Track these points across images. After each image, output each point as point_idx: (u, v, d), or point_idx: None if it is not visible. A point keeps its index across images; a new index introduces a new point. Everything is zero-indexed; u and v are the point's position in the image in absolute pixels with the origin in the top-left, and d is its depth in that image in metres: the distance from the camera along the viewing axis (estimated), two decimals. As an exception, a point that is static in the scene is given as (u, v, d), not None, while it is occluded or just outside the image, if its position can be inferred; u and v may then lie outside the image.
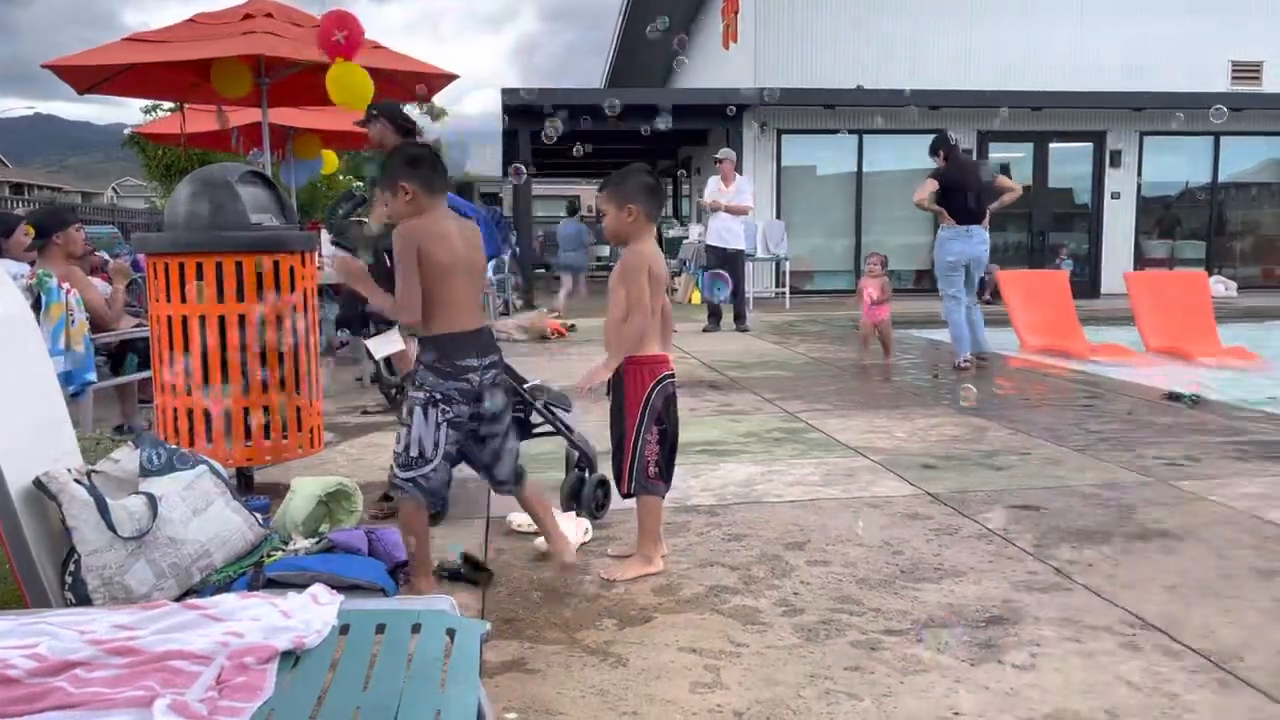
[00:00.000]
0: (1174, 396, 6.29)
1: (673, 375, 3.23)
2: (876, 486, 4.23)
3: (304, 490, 3.30)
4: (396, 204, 2.93)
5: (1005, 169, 14.36)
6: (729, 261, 10.66)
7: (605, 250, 22.14)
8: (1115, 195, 16.56)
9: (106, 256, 6.95)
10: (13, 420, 2.35)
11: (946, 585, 3.05)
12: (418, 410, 2.89)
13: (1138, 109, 15.89)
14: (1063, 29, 16.34)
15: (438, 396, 2.88)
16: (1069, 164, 16.58)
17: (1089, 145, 16.45)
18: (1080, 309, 10.36)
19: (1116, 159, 16.45)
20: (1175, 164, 16.98)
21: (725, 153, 10.85)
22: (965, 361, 7.74)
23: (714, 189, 10.59)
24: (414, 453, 2.88)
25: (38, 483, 2.34)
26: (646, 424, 3.14)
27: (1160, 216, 17.31)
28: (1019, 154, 16.55)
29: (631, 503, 3.24)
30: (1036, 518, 3.75)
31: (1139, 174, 16.68)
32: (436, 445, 2.88)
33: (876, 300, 8.06)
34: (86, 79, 7.35)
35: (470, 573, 3.09)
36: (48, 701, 1.51)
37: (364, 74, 6.61)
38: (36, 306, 4.30)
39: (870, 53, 16.10)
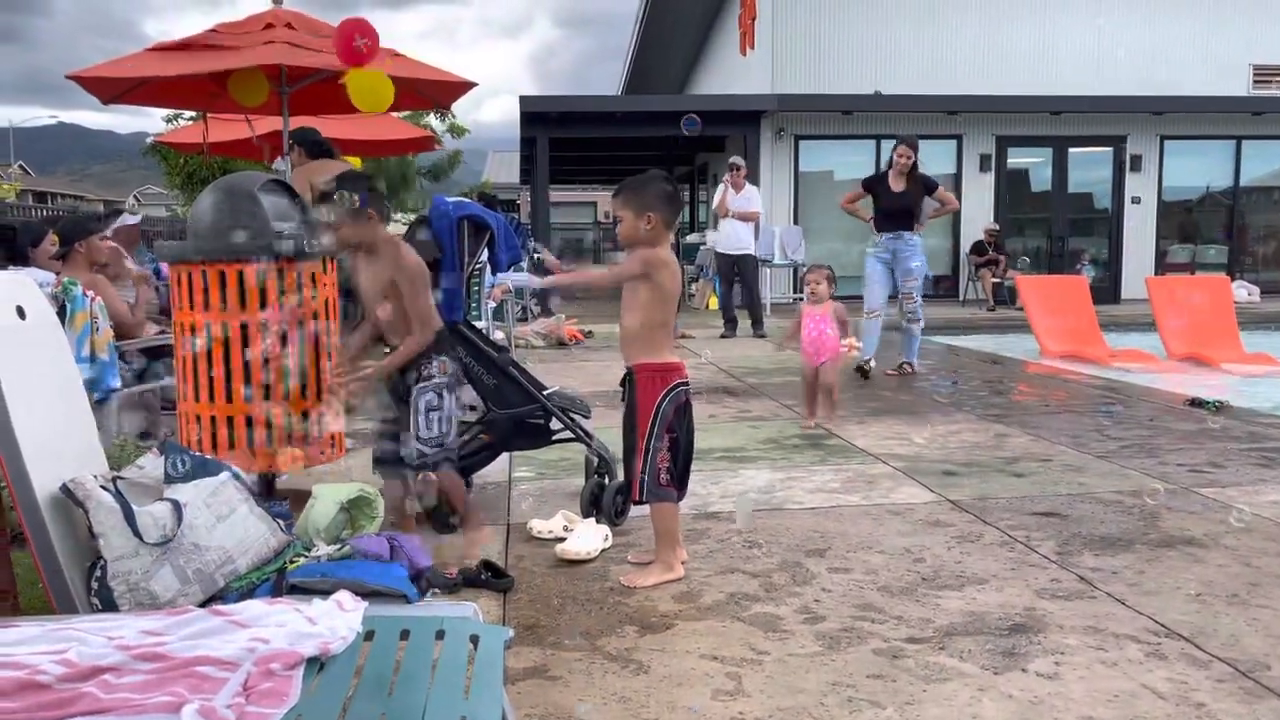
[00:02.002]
0: (1197, 403, 6.24)
1: (686, 383, 3.22)
2: (897, 493, 4.21)
3: (325, 497, 3.31)
4: (360, 228, 3.32)
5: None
6: (741, 265, 10.72)
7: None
8: (1135, 200, 16.45)
9: (133, 266, 7.01)
10: (40, 427, 2.38)
11: (969, 593, 3.03)
12: (445, 395, 3.34)
13: (1158, 113, 15.80)
14: (1081, 33, 16.27)
15: (453, 382, 3.39)
16: (1089, 169, 16.49)
17: (1109, 150, 16.35)
18: (1101, 314, 10.31)
19: (1137, 163, 16.34)
20: (1196, 168, 16.86)
21: (736, 160, 10.91)
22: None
23: (721, 194, 10.70)
24: (444, 430, 3.33)
25: (65, 489, 2.37)
26: (657, 431, 3.13)
27: (1181, 221, 17.18)
28: (1038, 159, 16.48)
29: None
30: (1059, 525, 3.73)
31: (1159, 178, 16.57)
32: (453, 420, 3.37)
33: (835, 335, 5.64)
34: (110, 89, 7.42)
35: (492, 579, 3.09)
36: (78, 707, 1.53)
37: (384, 78, 6.64)
38: (61, 314, 4.34)
39: (887, 58, 16.08)
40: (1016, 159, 16.42)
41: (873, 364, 7.50)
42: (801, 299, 14.66)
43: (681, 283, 3.27)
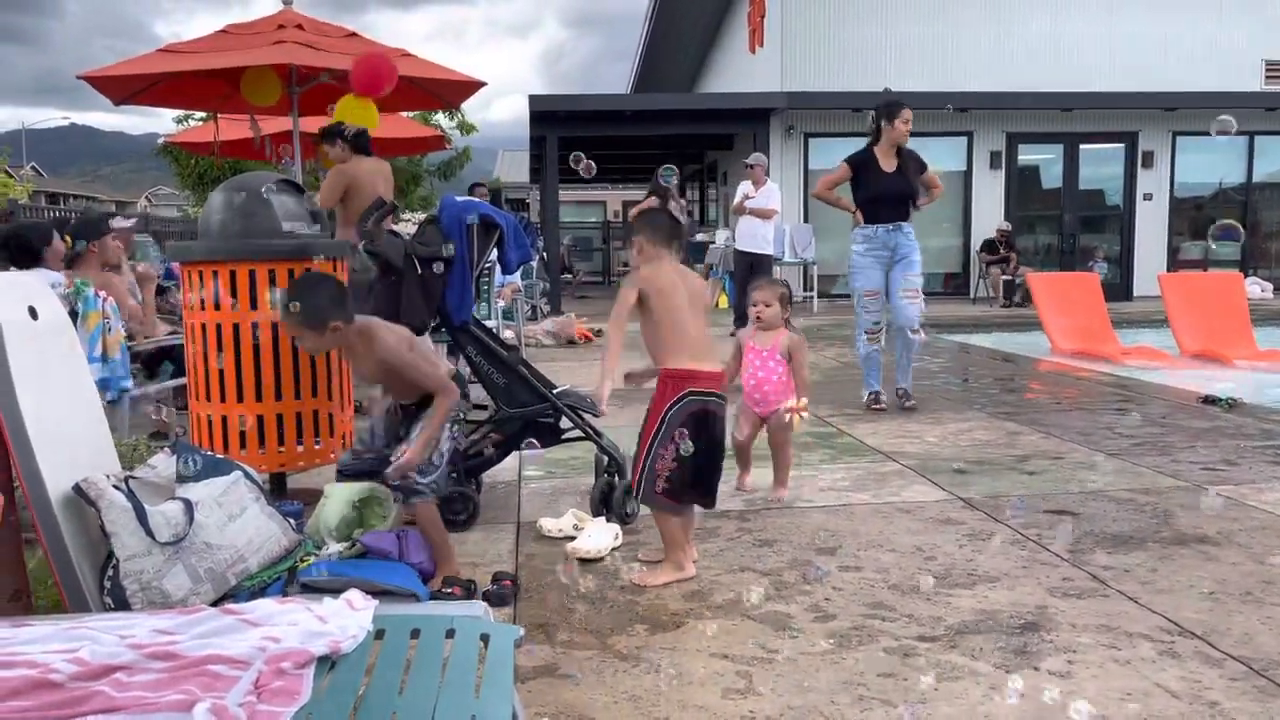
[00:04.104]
0: (1210, 400, 6.21)
1: (706, 394, 3.14)
2: (908, 491, 4.20)
3: (337, 496, 3.32)
4: (323, 340, 3.07)
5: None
6: (757, 266, 10.66)
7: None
8: (1147, 196, 16.36)
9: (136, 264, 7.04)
10: (53, 427, 2.39)
11: (980, 591, 3.02)
12: (443, 429, 3.17)
13: (1170, 109, 15.71)
14: (1093, 29, 16.19)
15: (455, 417, 3.25)
16: (1100, 165, 16.40)
17: (1120, 146, 16.27)
18: (1113, 311, 10.25)
19: (1149, 160, 16.26)
20: (1208, 164, 16.74)
21: (756, 157, 10.83)
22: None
23: (743, 193, 10.59)
24: (434, 460, 3.16)
25: (77, 489, 2.38)
26: (660, 438, 3.11)
27: (1193, 217, 17.08)
28: (1049, 155, 16.40)
29: (662, 508, 3.23)
30: (1071, 523, 3.71)
31: (1172, 175, 16.48)
32: (444, 456, 3.21)
33: (786, 377, 4.07)
34: (121, 90, 7.44)
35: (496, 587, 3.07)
36: (90, 705, 1.53)
37: (373, 109, 6.71)
38: (74, 315, 4.36)
39: (897, 55, 16.03)
40: (1027, 156, 16.35)
41: (884, 397, 6.21)
42: (810, 295, 14.75)
43: (687, 288, 3.28)
